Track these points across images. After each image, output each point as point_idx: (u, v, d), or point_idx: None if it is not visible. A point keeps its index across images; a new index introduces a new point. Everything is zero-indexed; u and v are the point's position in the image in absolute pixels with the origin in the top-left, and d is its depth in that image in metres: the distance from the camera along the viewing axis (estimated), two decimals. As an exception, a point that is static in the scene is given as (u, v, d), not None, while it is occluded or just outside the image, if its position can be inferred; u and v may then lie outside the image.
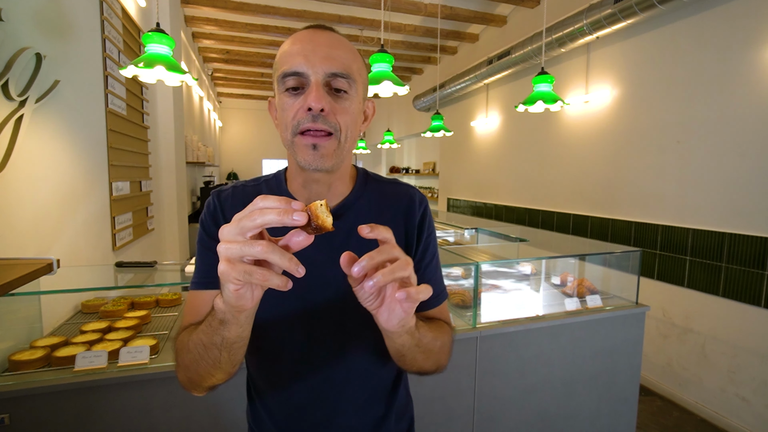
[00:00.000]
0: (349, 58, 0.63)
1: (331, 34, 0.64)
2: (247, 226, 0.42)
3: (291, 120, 0.61)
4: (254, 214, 0.42)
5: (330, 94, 0.61)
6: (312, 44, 0.61)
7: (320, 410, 0.72)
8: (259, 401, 0.76)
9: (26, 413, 1.15)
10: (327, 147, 0.61)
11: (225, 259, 0.43)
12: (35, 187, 1.49)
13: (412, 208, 0.75)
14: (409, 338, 0.58)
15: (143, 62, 1.65)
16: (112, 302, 1.70)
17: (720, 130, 2.45)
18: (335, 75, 0.61)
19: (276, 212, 0.42)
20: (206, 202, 0.73)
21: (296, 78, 0.60)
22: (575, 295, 1.99)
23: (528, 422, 1.77)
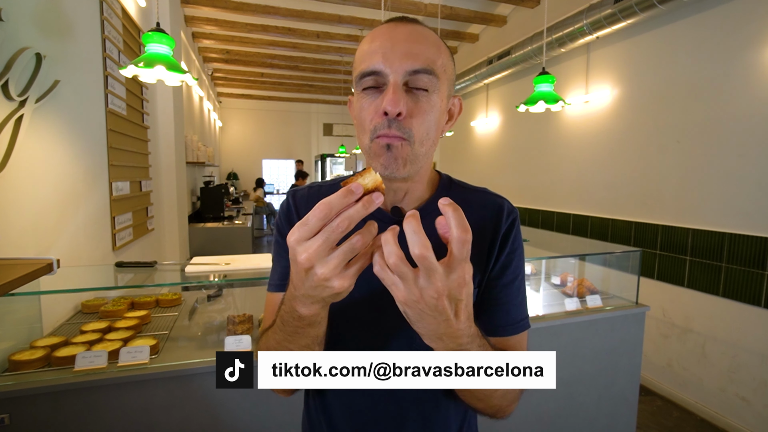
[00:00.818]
0: (432, 52, 0.57)
1: (413, 26, 0.59)
2: (335, 239, 0.42)
3: (368, 124, 0.57)
4: (339, 224, 0.41)
5: (410, 94, 0.56)
6: (391, 40, 0.56)
7: (382, 423, 0.68)
8: (318, 400, 0.72)
9: (26, 413, 1.15)
10: (400, 150, 0.56)
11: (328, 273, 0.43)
12: (35, 187, 1.49)
13: (498, 219, 0.67)
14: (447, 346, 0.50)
15: (143, 62, 1.65)
16: (112, 302, 1.70)
17: (720, 130, 2.45)
18: (416, 72, 0.55)
19: (360, 207, 0.41)
20: (282, 204, 0.71)
21: (373, 77, 0.56)
22: (575, 295, 1.99)
23: (528, 422, 1.77)
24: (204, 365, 1.29)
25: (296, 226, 0.42)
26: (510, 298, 0.67)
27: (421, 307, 0.44)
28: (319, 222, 0.41)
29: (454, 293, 0.44)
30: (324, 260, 0.42)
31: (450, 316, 0.45)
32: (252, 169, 10.00)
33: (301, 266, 0.43)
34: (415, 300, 0.44)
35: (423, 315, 0.45)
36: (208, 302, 1.88)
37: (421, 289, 0.43)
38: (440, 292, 0.43)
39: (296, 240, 0.42)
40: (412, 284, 0.43)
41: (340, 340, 0.66)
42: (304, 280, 0.45)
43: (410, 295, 0.44)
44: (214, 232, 4.50)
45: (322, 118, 10.28)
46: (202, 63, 6.12)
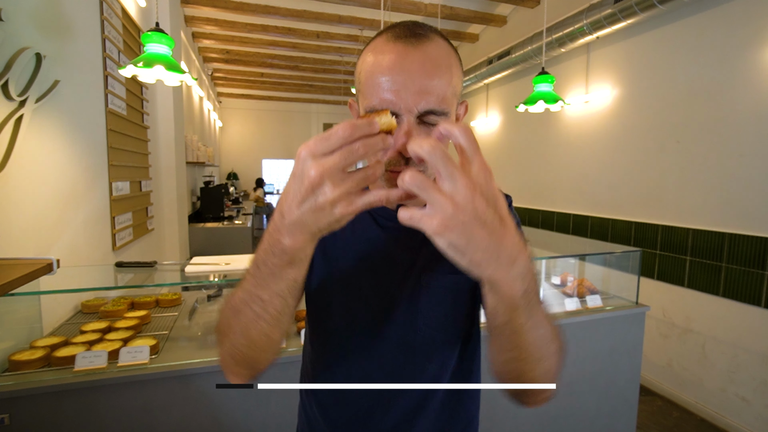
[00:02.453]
0: (445, 82, 0.55)
1: (424, 52, 0.55)
2: (352, 162, 0.40)
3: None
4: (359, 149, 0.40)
5: (422, 125, 0.55)
6: (404, 73, 0.53)
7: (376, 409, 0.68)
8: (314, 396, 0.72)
9: (26, 413, 1.15)
10: None
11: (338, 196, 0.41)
12: (35, 187, 1.49)
13: None
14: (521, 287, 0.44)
15: (142, 62, 1.65)
16: (112, 302, 1.70)
17: (720, 130, 2.45)
18: (429, 112, 0.54)
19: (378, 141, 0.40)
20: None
21: None
22: (575, 295, 1.99)
23: (528, 422, 1.77)
24: (204, 365, 1.29)
25: (314, 138, 0.40)
26: None
27: (462, 218, 0.38)
28: (341, 140, 0.39)
29: (485, 189, 0.39)
30: (336, 180, 0.40)
31: (496, 219, 0.39)
32: (252, 169, 9.99)
33: (310, 181, 0.40)
34: (451, 213, 0.37)
35: (468, 229, 0.38)
36: (208, 302, 1.88)
37: (451, 194, 0.38)
38: (471, 188, 0.38)
39: (311, 152, 0.40)
40: (438, 194, 0.38)
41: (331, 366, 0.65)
42: (304, 199, 0.41)
43: (445, 208, 0.38)
44: (214, 232, 4.50)
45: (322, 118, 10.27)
46: (202, 63, 6.12)
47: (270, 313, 0.51)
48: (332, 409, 0.70)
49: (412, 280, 0.65)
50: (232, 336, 0.55)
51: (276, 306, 0.51)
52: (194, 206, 5.16)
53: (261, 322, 0.52)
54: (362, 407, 0.68)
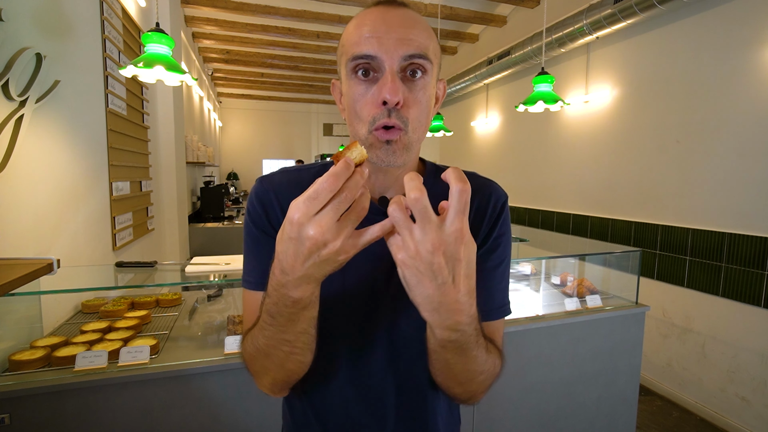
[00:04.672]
0: (425, 37, 0.57)
1: (404, 10, 0.58)
2: (342, 209, 0.42)
3: (366, 115, 0.56)
4: (347, 196, 0.42)
5: (405, 81, 0.56)
6: (385, 24, 0.55)
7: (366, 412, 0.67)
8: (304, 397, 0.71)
9: (26, 413, 1.15)
10: (398, 143, 0.57)
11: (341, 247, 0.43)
12: (35, 187, 1.49)
13: (486, 202, 0.67)
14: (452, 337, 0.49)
15: (143, 62, 1.65)
16: (112, 302, 1.70)
17: (720, 130, 2.45)
18: (412, 57, 0.55)
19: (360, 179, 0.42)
20: (253, 193, 0.66)
21: (368, 63, 0.55)
22: (575, 295, 2.00)
23: (528, 422, 1.77)
24: (204, 365, 1.29)
25: (301, 200, 0.42)
26: (494, 282, 0.66)
27: (417, 264, 0.42)
28: (329, 194, 0.41)
29: (451, 250, 0.42)
30: (335, 231, 0.42)
31: (447, 279, 0.43)
32: (252, 169, 9.99)
33: (312, 242, 0.42)
34: (411, 256, 0.42)
35: (420, 276, 0.43)
36: (208, 302, 1.88)
37: (417, 242, 0.42)
38: (435, 245, 0.41)
39: (305, 215, 0.42)
40: (409, 237, 0.42)
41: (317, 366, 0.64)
42: (307, 258, 0.43)
43: (408, 250, 0.42)
44: (214, 232, 4.50)
45: (322, 118, 10.27)
46: (202, 63, 6.12)
47: (300, 347, 0.55)
48: (324, 413, 0.69)
49: (396, 277, 0.64)
50: (270, 373, 0.58)
51: (303, 341, 0.54)
52: (194, 206, 5.16)
53: (294, 357, 0.56)
54: (358, 415, 0.67)
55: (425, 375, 0.66)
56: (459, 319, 0.47)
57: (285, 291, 0.47)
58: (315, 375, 0.66)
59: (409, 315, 0.64)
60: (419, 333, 0.63)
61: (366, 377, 0.66)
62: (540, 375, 1.76)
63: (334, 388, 0.67)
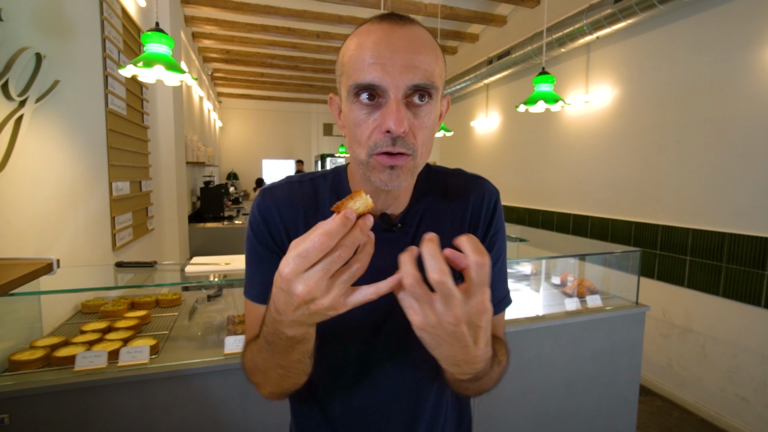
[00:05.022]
0: (431, 61, 0.54)
1: (410, 29, 0.54)
2: (335, 270, 0.41)
3: (366, 139, 0.55)
4: (341, 255, 0.40)
5: (410, 106, 0.54)
6: (389, 49, 0.52)
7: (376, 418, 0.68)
8: (314, 406, 0.72)
9: (26, 413, 1.15)
10: (404, 168, 0.55)
11: (330, 305, 0.42)
12: (35, 187, 1.49)
13: (480, 202, 0.67)
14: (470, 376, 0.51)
15: (142, 62, 1.65)
16: (112, 302, 1.70)
17: (720, 130, 2.45)
18: (417, 88, 0.53)
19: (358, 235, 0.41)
20: (255, 206, 0.65)
21: (371, 91, 0.53)
22: (575, 295, 1.99)
23: (528, 422, 1.77)
24: (204, 365, 1.29)
25: (291, 257, 0.40)
26: (493, 279, 0.66)
27: (439, 332, 0.43)
28: (320, 254, 0.39)
29: (474, 320, 0.43)
30: (324, 291, 0.41)
31: (469, 342, 0.44)
32: (252, 169, 9.99)
33: (300, 299, 0.41)
34: (432, 326, 0.42)
35: (440, 341, 0.44)
36: (208, 302, 1.88)
37: (438, 314, 0.41)
38: (459, 318, 0.41)
39: (293, 272, 0.40)
40: (429, 309, 0.41)
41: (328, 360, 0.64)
42: (296, 309, 0.43)
43: (427, 320, 0.42)
44: (214, 232, 4.50)
45: (322, 118, 10.27)
46: (202, 63, 6.12)
47: (295, 373, 0.56)
48: (334, 420, 0.69)
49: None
50: (267, 387, 0.60)
51: (298, 368, 0.55)
52: (194, 206, 5.16)
53: (289, 379, 0.57)
54: (364, 418, 0.68)
55: (435, 381, 0.68)
56: (477, 367, 0.48)
57: (279, 327, 0.47)
58: (325, 382, 0.67)
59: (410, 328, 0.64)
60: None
61: (376, 384, 0.66)
62: (540, 375, 1.76)
63: (344, 396, 0.67)
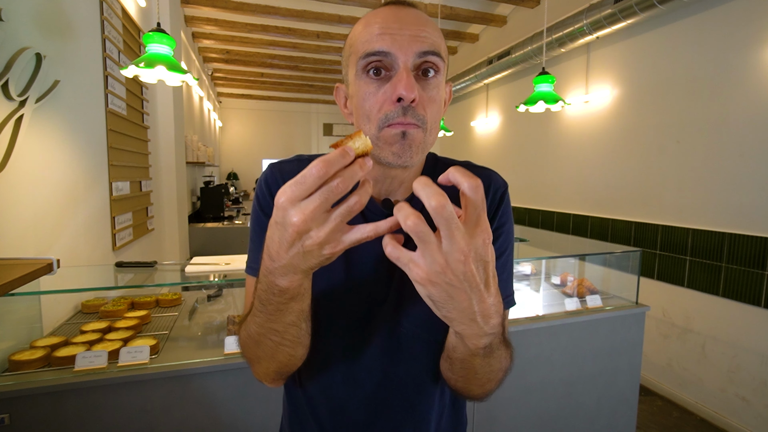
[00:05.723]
0: (437, 36, 0.55)
1: (415, 10, 0.56)
2: (333, 200, 0.39)
3: (377, 112, 0.53)
4: (339, 185, 0.38)
5: (418, 80, 0.54)
6: (398, 22, 0.53)
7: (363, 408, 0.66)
8: (302, 390, 0.70)
9: (26, 413, 1.15)
10: (415, 136, 0.53)
11: (325, 238, 0.40)
12: (35, 187, 1.49)
13: (485, 191, 0.65)
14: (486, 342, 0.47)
15: (144, 62, 1.65)
16: (112, 302, 1.70)
17: (720, 130, 2.45)
18: (426, 54, 0.53)
19: (357, 169, 0.39)
20: (263, 178, 0.65)
21: (381, 60, 0.53)
22: (575, 295, 1.99)
23: (528, 422, 1.77)
24: (204, 365, 1.29)
25: (289, 184, 0.39)
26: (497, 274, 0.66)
27: (449, 278, 0.38)
28: (317, 180, 0.38)
29: (481, 253, 0.39)
30: (320, 223, 0.40)
31: (480, 285, 0.40)
32: (252, 169, 9.99)
33: (294, 229, 0.39)
34: (439, 271, 0.38)
35: (452, 290, 0.39)
36: (208, 302, 1.88)
37: (445, 254, 0.37)
38: (466, 252, 0.37)
39: (289, 199, 0.39)
40: (436, 250, 0.37)
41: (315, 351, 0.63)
42: (291, 245, 0.41)
43: (434, 265, 0.38)
44: (214, 232, 4.50)
45: (322, 118, 10.27)
46: (202, 63, 6.12)
47: (289, 340, 0.54)
48: (325, 416, 0.68)
49: (396, 277, 0.63)
50: (262, 362, 0.58)
51: (292, 333, 0.53)
52: (194, 206, 5.16)
53: (283, 348, 0.55)
54: (354, 412, 0.67)
55: (425, 373, 0.66)
56: (494, 322, 0.45)
57: (272, 278, 0.46)
58: (312, 368, 0.66)
59: (412, 314, 0.63)
60: (421, 331, 0.63)
61: (364, 374, 0.65)
62: (540, 375, 1.76)
63: (331, 383, 0.66)
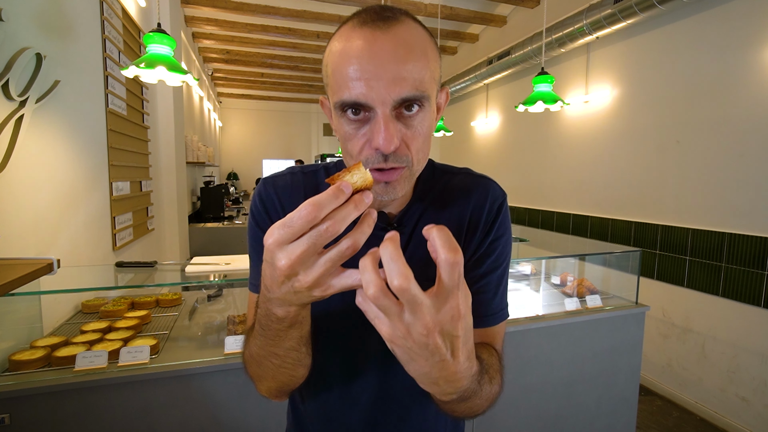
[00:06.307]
0: (421, 67, 0.49)
1: (394, 33, 0.49)
2: (322, 244, 0.37)
3: (357, 155, 0.52)
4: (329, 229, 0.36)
5: (400, 119, 0.50)
6: (373, 62, 0.47)
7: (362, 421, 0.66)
8: (303, 405, 0.71)
9: (26, 413, 1.15)
10: (399, 180, 0.53)
11: (313, 283, 0.39)
12: (35, 188, 1.49)
13: (483, 203, 0.64)
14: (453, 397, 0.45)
15: (144, 62, 1.65)
16: (112, 302, 1.70)
17: (720, 130, 2.45)
18: (405, 100, 0.49)
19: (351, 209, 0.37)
20: (257, 194, 0.64)
21: (357, 107, 0.50)
22: (575, 295, 1.99)
23: (528, 422, 1.77)
24: (204, 365, 1.29)
25: (276, 226, 0.37)
26: (490, 287, 0.63)
27: (410, 345, 0.37)
28: (305, 225, 0.36)
29: (448, 328, 0.37)
30: (308, 267, 0.38)
31: (446, 356, 0.38)
32: (252, 169, 9.99)
33: (281, 272, 0.38)
34: (401, 337, 0.37)
35: (413, 355, 0.38)
36: (208, 302, 1.88)
37: (407, 324, 0.36)
38: (430, 328, 0.35)
39: (276, 243, 0.37)
40: (397, 319, 0.36)
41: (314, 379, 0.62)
42: (281, 284, 0.40)
43: (395, 331, 0.37)
44: (214, 232, 4.50)
45: (322, 118, 10.27)
46: (202, 63, 6.12)
47: (289, 363, 0.54)
48: (319, 420, 0.68)
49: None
50: (264, 381, 0.58)
51: (292, 357, 0.53)
52: (194, 206, 5.16)
53: (284, 370, 0.54)
54: (352, 425, 0.67)
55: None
56: (460, 386, 0.43)
57: (270, 306, 0.45)
58: (311, 383, 0.66)
59: None
60: None
61: (362, 387, 0.65)
62: (540, 375, 1.76)
63: (330, 397, 0.67)
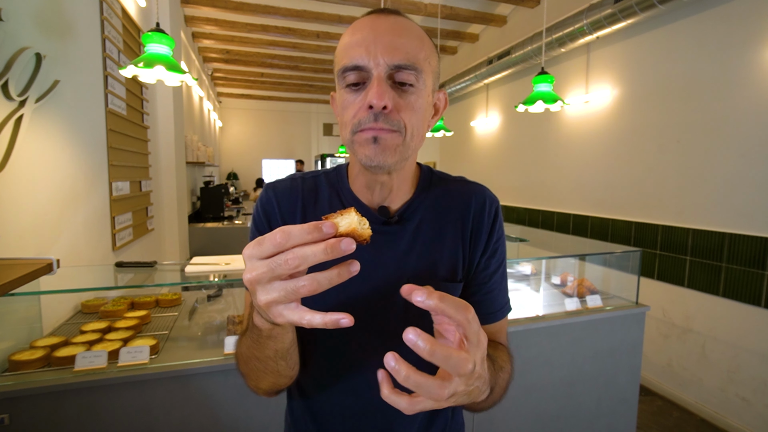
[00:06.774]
0: (415, 45, 0.55)
1: (395, 18, 0.56)
2: (281, 273, 0.37)
3: (351, 118, 0.55)
4: (289, 260, 0.36)
5: (394, 89, 0.54)
6: (373, 33, 0.54)
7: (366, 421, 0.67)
8: (303, 402, 0.71)
9: (26, 413, 1.15)
10: (389, 140, 0.54)
11: (265, 305, 0.40)
12: (35, 187, 1.49)
13: (482, 210, 0.67)
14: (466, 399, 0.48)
15: (143, 62, 1.65)
16: (112, 302, 1.70)
17: (720, 130, 2.45)
18: (399, 67, 0.54)
19: (319, 250, 0.36)
20: (259, 199, 0.68)
21: (356, 72, 0.54)
22: (575, 295, 1.99)
23: (528, 422, 1.77)
24: (204, 365, 1.29)
25: (255, 240, 0.38)
26: (495, 285, 0.68)
27: (454, 399, 0.42)
28: (272, 248, 0.37)
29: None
30: (265, 288, 0.39)
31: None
32: (252, 169, 9.99)
33: (246, 283, 0.39)
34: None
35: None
36: (208, 302, 1.88)
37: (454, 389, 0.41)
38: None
39: (247, 255, 0.39)
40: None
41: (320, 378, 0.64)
42: (253, 295, 0.42)
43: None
44: (214, 232, 4.50)
45: (322, 118, 10.28)
46: (202, 63, 6.12)
47: (270, 369, 0.56)
48: (322, 420, 0.68)
49: (400, 302, 0.62)
50: (250, 379, 0.60)
51: (270, 366, 0.55)
52: (194, 206, 5.16)
53: (265, 376, 0.57)
54: (353, 420, 0.67)
55: None
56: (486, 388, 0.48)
57: (252, 312, 0.47)
58: (315, 381, 0.67)
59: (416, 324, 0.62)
60: None
61: (367, 386, 0.65)
62: (540, 375, 1.76)
63: (333, 396, 0.67)
